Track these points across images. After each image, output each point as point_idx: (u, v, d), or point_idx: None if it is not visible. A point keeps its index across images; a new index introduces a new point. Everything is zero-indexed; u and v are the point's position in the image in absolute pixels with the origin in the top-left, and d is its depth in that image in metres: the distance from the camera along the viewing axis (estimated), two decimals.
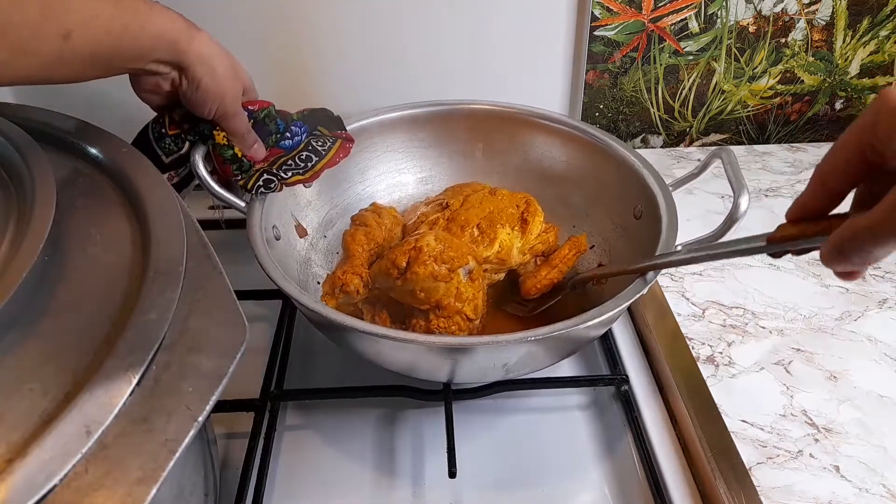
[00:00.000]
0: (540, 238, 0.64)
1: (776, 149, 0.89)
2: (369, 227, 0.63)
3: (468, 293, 0.56)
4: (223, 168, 0.56)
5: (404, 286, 0.55)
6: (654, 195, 0.59)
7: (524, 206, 0.64)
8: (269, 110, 0.58)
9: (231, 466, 0.53)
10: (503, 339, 0.46)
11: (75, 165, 0.45)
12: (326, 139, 0.63)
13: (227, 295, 0.36)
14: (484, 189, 0.66)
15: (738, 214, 0.52)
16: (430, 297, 0.55)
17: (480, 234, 0.61)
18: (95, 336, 0.33)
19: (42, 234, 0.34)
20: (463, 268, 0.56)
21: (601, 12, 0.79)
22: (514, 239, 0.62)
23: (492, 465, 0.54)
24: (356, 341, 0.51)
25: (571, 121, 0.70)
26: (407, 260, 0.55)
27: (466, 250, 0.57)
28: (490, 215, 0.62)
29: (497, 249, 0.61)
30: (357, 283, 0.58)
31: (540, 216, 0.64)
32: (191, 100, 0.50)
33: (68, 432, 0.28)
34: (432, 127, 0.72)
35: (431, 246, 0.55)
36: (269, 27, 0.76)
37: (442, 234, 0.58)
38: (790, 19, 0.82)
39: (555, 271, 0.62)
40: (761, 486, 0.49)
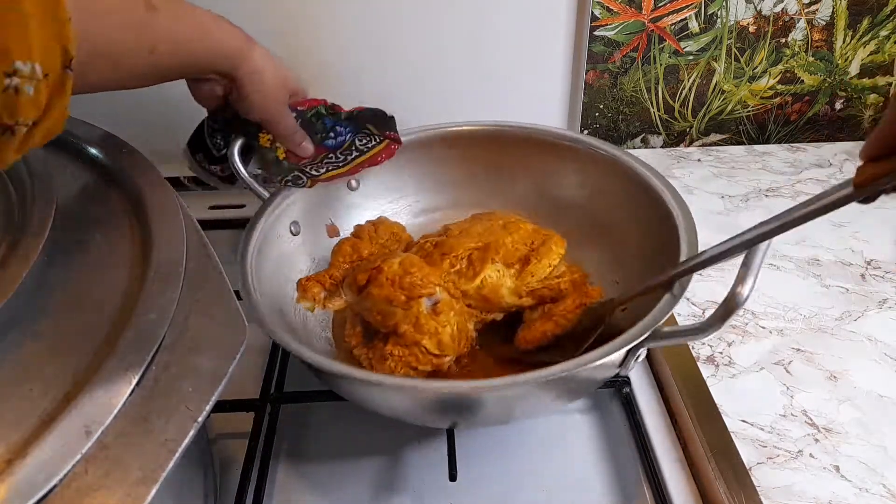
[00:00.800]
0: (547, 283, 0.59)
1: (776, 149, 0.89)
2: (360, 240, 0.62)
3: (430, 326, 0.52)
4: (265, 167, 0.59)
5: (363, 304, 0.55)
6: (667, 204, 0.57)
7: (538, 245, 0.59)
8: (318, 109, 0.59)
9: (231, 467, 0.53)
10: (492, 384, 0.42)
11: (75, 166, 0.45)
12: (373, 137, 0.62)
13: (227, 295, 0.36)
14: (502, 220, 0.62)
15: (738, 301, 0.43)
16: (387, 321, 0.53)
17: (468, 266, 0.58)
18: (95, 336, 0.33)
19: (42, 234, 0.34)
20: (428, 298, 0.53)
21: (601, 12, 0.79)
22: (503, 278, 0.58)
23: (492, 468, 0.54)
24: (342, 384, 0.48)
25: (584, 137, 0.66)
26: (367, 278, 0.54)
27: (435, 280, 0.55)
28: (485, 248, 0.58)
29: (478, 285, 0.57)
30: (317, 290, 0.58)
31: (551, 259, 0.59)
32: (239, 107, 0.54)
33: (68, 432, 0.28)
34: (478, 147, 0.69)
35: (393, 270, 0.54)
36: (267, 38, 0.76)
37: (412, 259, 0.56)
38: (790, 19, 0.82)
39: (550, 323, 0.56)
40: (761, 486, 0.49)
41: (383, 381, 0.44)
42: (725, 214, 0.76)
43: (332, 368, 0.43)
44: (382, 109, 0.64)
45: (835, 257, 0.70)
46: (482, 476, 0.54)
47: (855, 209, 0.78)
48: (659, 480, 0.51)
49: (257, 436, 0.54)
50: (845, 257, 0.70)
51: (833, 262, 0.69)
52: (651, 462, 0.53)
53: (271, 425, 0.56)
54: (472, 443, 0.56)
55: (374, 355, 0.54)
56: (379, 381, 0.43)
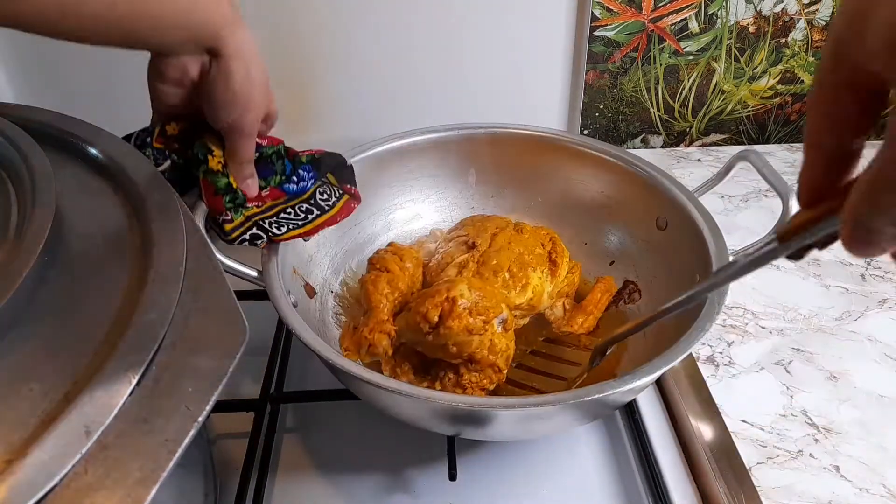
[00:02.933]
0: (567, 280, 0.61)
1: (776, 149, 0.89)
2: (392, 274, 0.58)
3: (502, 344, 0.52)
4: (213, 200, 0.50)
5: (436, 341, 0.51)
6: (680, 202, 0.58)
7: (550, 245, 0.60)
8: (279, 149, 0.53)
9: (231, 467, 0.53)
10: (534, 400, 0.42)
11: (75, 165, 0.45)
12: (333, 192, 0.57)
13: (227, 295, 0.36)
14: (508, 226, 0.62)
15: (789, 217, 0.50)
16: (463, 351, 0.51)
17: (512, 279, 0.57)
18: (95, 336, 0.33)
19: (42, 234, 0.34)
20: (497, 318, 0.52)
21: (601, 12, 0.79)
22: (545, 283, 0.58)
23: (491, 467, 0.54)
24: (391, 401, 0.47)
25: (576, 137, 0.68)
26: (440, 313, 0.50)
27: (500, 298, 0.53)
28: (520, 257, 0.58)
29: (530, 296, 0.57)
30: (385, 343, 0.53)
31: (566, 255, 0.61)
32: (214, 95, 0.45)
33: (68, 432, 0.28)
34: (427, 155, 0.68)
35: (466, 297, 0.51)
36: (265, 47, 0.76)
37: (474, 282, 0.54)
38: (790, 19, 0.82)
39: (590, 318, 0.59)
40: (761, 486, 0.49)
41: (426, 395, 0.43)
42: (725, 214, 0.76)
43: (372, 379, 0.43)
44: (341, 154, 0.59)
45: (835, 257, 0.70)
46: (482, 476, 0.54)
47: None
48: (659, 480, 0.51)
49: (257, 436, 0.54)
50: (845, 257, 0.70)
51: (833, 262, 0.69)
52: (651, 462, 0.53)
53: (271, 425, 0.55)
54: (471, 443, 0.56)
55: (444, 387, 0.52)
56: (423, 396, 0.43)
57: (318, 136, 0.83)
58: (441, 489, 0.52)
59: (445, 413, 0.45)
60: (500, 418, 0.45)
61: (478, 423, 0.47)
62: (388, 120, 0.73)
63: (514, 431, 0.51)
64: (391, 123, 0.69)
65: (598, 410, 0.52)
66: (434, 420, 0.48)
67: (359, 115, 0.83)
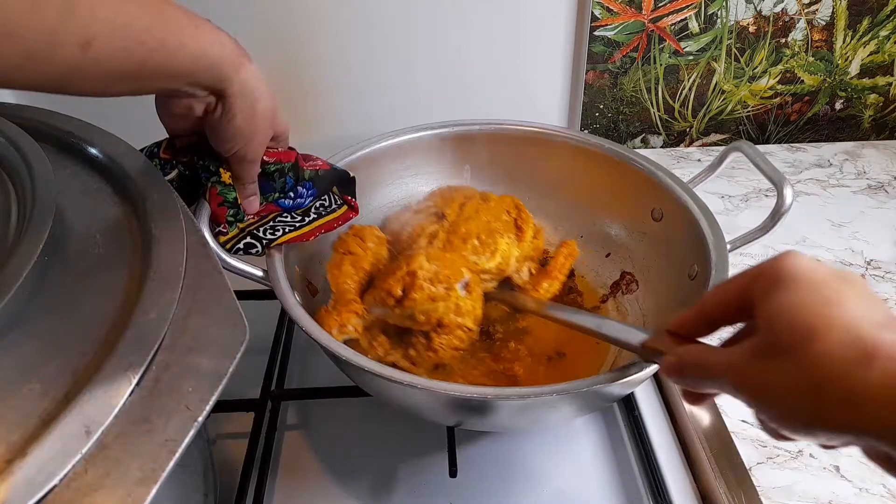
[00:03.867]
0: (532, 244, 0.64)
1: (776, 149, 0.89)
2: (355, 256, 0.60)
3: (467, 306, 0.55)
4: (218, 211, 0.51)
5: (403, 312, 0.54)
6: (674, 193, 0.59)
7: (515, 212, 0.63)
8: (283, 166, 0.52)
9: (231, 466, 0.53)
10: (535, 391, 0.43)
11: (75, 165, 0.45)
12: (334, 200, 0.58)
13: (227, 295, 0.36)
14: (475, 195, 0.65)
15: (784, 207, 0.51)
16: (431, 317, 0.53)
17: (481, 246, 0.60)
18: (95, 336, 0.33)
19: (42, 234, 0.34)
20: (459, 283, 0.55)
21: (601, 12, 0.79)
22: (512, 248, 0.61)
23: (492, 466, 0.54)
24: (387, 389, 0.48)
25: (569, 132, 0.69)
26: (402, 287, 0.54)
27: (461, 264, 0.56)
28: (488, 225, 0.61)
29: (499, 261, 0.60)
30: (355, 321, 0.55)
31: (531, 221, 0.64)
32: (217, 131, 0.45)
33: (68, 432, 0.28)
34: (422, 152, 0.69)
35: (425, 269, 0.54)
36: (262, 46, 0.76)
37: (434, 252, 0.57)
38: (790, 19, 0.82)
39: (556, 283, 0.62)
40: (761, 486, 0.49)
41: (424, 384, 0.44)
42: (725, 214, 0.76)
43: (375, 370, 0.44)
44: (346, 171, 0.59)
45: (835, 257, 0.70)
46: (481, 473, 0.54)
47: (856, 209, 0.78)
48: (659, 480, 0.51)
49: (257, 435, 0.54)
50: (845, 257, 0.70)
51: (833, 262, 0.69)
52: (651, 462, 0.53)
53: (272, 423, 0.56)
54: (472, 440, 0.56)
55: (417, 354, 0.54)
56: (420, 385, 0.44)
57: (318, 136, 0.83)
58: (441, 486, 0.52)
59: (447, 403, 0.46)
60: (499, 408, 0.45)
61: (478, 413, 0.47)
62: (388, 120, 0.73)
63: (514, 421, 0.51)
64: (391, 124, 0.69)
65: (597, 402, 0.52)
66: (436, 410, 0.48)
67: (358, 116, 0.83)
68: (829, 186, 0.81)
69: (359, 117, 0.83)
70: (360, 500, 0.52)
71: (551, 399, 0.43)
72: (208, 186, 0.50)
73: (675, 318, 0.38)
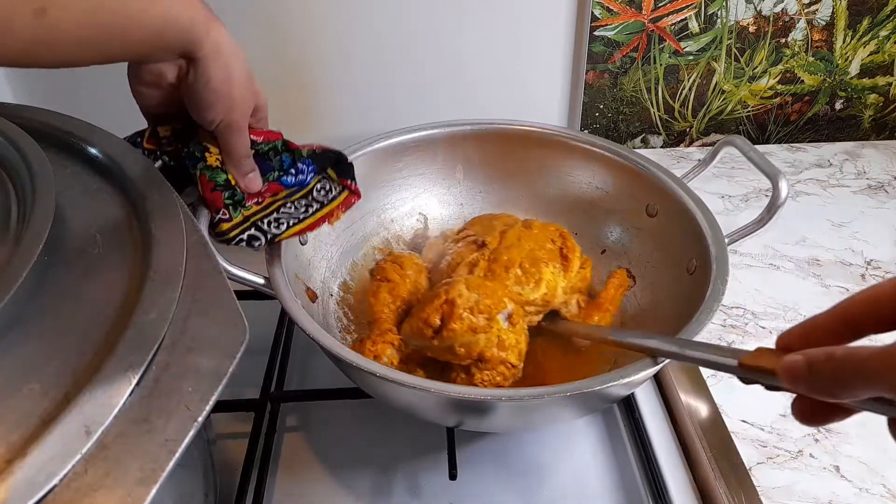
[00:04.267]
0: (579, 275, 0.60)
1: (776, 149, 0.89)
2: (392, 283, 0.58)
3: (510, 339, 0.51)
4: (212, 196, 0.49)
5: (441, 344, 0.51)
6: (669, 189, 0.59)
7: (560, 240, 0.60)
8: (276, 144, 0.52)
9: (231, 467, 0.53)
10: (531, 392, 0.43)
11: (75, 165, 0.45)
12: (333, 186, 0.56)
13: (227, 295, 0.36)
14: (517, 223, 0.62)
15: (780, 200, 0.52)
16: (472, 351, 0.50)
17: (524, 275, 0.57)
18: (95, 336, 0.33)
19: (42, 234, 0.34)
20: (502, 313, 0.51)
21: (601, 12, 0.79)
22: (558, 278, 0.58)
23: (491, 466, 0.54)
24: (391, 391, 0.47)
25: (556, 128, 0.69)
26: (440, 316, 0.50)
27: (503, 293, 0.53)
28: (531, 253, 0.58)
29: (544, 291, 0.57)
30: (390, 352, 0.53)
31: (577, 251, 0.60)
32: (196, 98, 0.44)
33: (68, 432, 0.28)
34: (414, 154, 0.69)
35: (465, 297, 0.51)
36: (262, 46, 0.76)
37: (474, 281, 0.53)
38: (790, 19, 0.82)
39: (607, 315, 0.59)
40: (761, 486, 0.49)
41: (422, 385, 0.44)
42: (725, 214, 0.76)
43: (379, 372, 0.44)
44: (341, 151, 0.57)
45: (835, 257, 0.70)
46: (481, 475, 0.54)
47: (856, 209, 0.78)
48: (659, 480, 0.51)
49: (257, 435, 0.54)
50: (845, 257, 0.70)
51: (833, 262, 0.69)
52: (651, 462, 0.53)
53: (271, 424, 0.56)
54: (472, 442, 0.56)
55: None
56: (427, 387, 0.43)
57: (318, 136, 0.83)
58: (441, 488, 0.52)
59: (447, 404, 0.46)
60: (499, 408, 0.45)
61: (478, 414, 0.47)
62: (388, 120, 0.73)
63: (514, 422, 0.51)
64: (391, 124, 0.69)
65: (596, 403, 0.52)
66: (435, 411, 0.48)
67: (358, 116, 0.83)
68: (829, 186, 0.81)
69: (358, 118, 0.83)
70: (360, 501, 0.52)
71: (551, 400, 0.43)
72: (197, 175, 0.49)
73: (798, 326, 0.30)
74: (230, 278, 0.48)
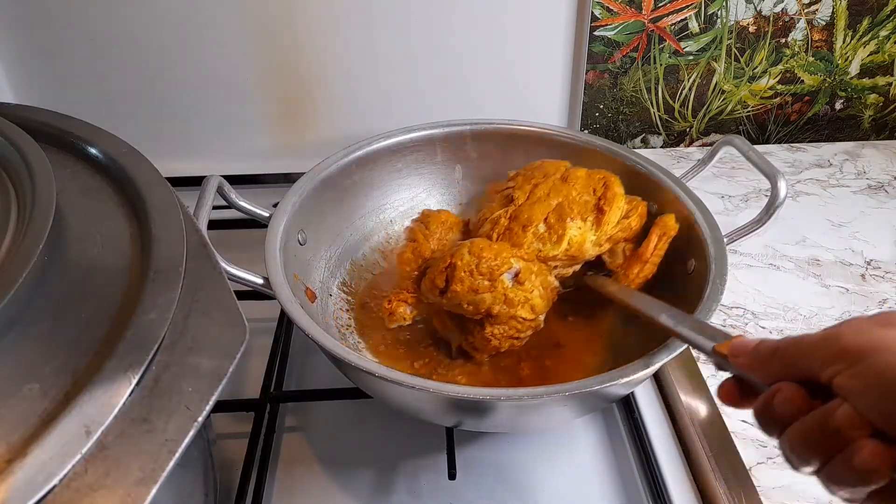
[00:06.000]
0: (621, 225, 0.59)
1: (776, 149, 0.89)
2: (417, 243, 0.62)
3: (518, 296, 0.54)
4: None
5: (449, 303, 0.55)
6: (667, 188, 0.59)
7: (602, 190, 0.59)
8: None
9: (231, 466, 0.53)
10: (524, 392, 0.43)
11: (75, 165, 0.45)
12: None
13: (227, 295, 0.36)
14: (556, 173, 0.61)
15: (779, 200, 0.52)
16: (479, 308, 0.54)
17: (548, 230, 0.58)
18: (95, 336, 0.33)
19: (42, 234, 0.34)
20: (507, 273, 0.54)
21: (601, 12, 0.79)
22: (585, 233, 0.58)
23: (490, 466, 0.54)
24: (368, 382, 0.49)
25: (552, 127, 0.69)
26: (444, 278, 0.54)
27: (508, 254, 0.55)
28: (559, 208, 0.58)
29: (566, 247, 0.57)
30: (403, 310, 0.58)
31: (619, 201, 0.59)
32: None
33: (68, 432, 0.28)
34: (413, 153, 0.69)
35: (466, 260, 0.54)
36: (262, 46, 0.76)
37: (479, 244, 0.55)
38: (790, 19, 0.82)
39: (648, 266, 0.56)
40: (761, 486, 0.48)
41: (423, 385, 0.44)
42: (725, 214, 0.76)
43: (372, 370, 0.44)
44: None
45: (835, 257, 0.70)
46: (481, 475, 0.54)
47: (856, 209, 0.78)
48: (659, 480, 0.51)
49: (257, 435, 0.54)
50: (845, 257, 0.70)
51: (833, 262, 0.69)
52: (651, 462, 0.53)
53: (271, 424, 0.56)
54: (471, 442, 0.56)
55: (476, 341, 0.55)
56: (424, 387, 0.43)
57: (318, 136, 0.83)
58: (441, 488, 0.52)
59: (446, 403, 0.46)
60: (498, 408, 0.45)
61: (476, 413, 0.47)
62: (388, 121, 0.73)
63: (512, 422, 0.51)
64: (390, 124, 0.69)
65: (596, 402, 0.52)
66: (434, 411, 0.48)
67: (358, 116, 0.83)
68: (829, 186, 0.81)
69: (357, 118, 0.83)
70: (360, 501, 0.52)
71: (550, 399, 0.43)
72: None
73: (748, 341, 0.34)
74: (230, 279, 0.48)
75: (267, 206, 0.58)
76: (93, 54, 0.77)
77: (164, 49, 0.77)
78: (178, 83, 0.79)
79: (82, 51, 0.77)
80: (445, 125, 0.69)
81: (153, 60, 0.77)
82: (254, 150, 0.84)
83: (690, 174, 0.62)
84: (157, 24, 0.75)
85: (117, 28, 0.75)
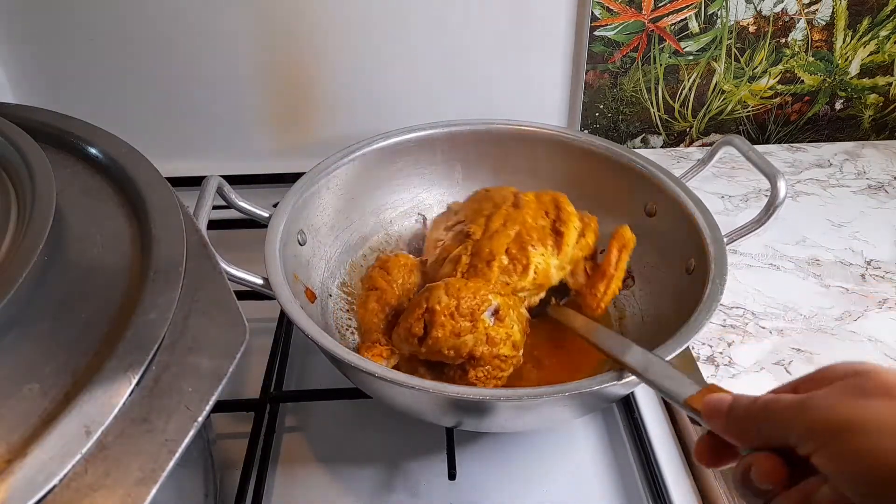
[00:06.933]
0: (579, 244, 0.58)
1: (776, 149, 0.89)
2: (380, 291, 0.59)
3: (500, 334, 0.51)
4: None
5: (429, 350, 0.51)
6: (667, 188, 0.59)
7: (554, 211, 0.58)
8: None
9: (231, 467, 0.53)
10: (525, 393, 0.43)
11: (75, 165, 0.45)
12: None
13: (227, 295, 0.36)
14: (506, 201, 0.60)
15: (778, 200, 0.52)
16: (461, 352, 0.51)
17: (511, 262, 0.56)
18: (95, 336, 0.33)
19: (42, 234, 0.34)
20: (486, 311, 0.51)
21: (601, 12, 0.79)
22: (548, 258, 0.57)
23: (490, 466, 0.54)
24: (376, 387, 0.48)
25: (555, 128, 0.69)
26: (423, 325, 0.51)
27: (486, 290, 0.52)
28: (518, 237, 0.57)
29: (532, 276, 0.56)
30: (379, 361, 0.53)
31: (574, 220, 0.58)
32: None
33: (68, 432, 0.28)
34: (413, 154, 0.69)
35: (444, 303, 0.50)
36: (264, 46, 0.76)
37: (455, 283, 0.52)
38: (790, 19, 0.82)
39: (614, 281, 0.56)
40: None
41: (417, 384, 0.44)
42: (725, 214, 0.76)
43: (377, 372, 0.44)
44: None
45: (835, 257, 0.70)
46: (481, 475, 0.54)
47: (856, 209, 0.78)
48: (659, 480, 0.51)
49: (257, 435, 0.54)
50: (845, 257, 0.70)
51: (833, 262, 0.69)
52: (651, 462, 0.53)
53: (271, 424, 0.56)
54: (471, 442, 0.56)
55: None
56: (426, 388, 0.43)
57: (317, 136, 0.83)
58: (441, 488, 0.52)
59: (445, 404, 0.46)
60: (497, 408, 0.45)
61: (476, 414, 0.47)
62: (388, 121, 0.73)
63: (512, 422, 0.51)
64: (390, 124, 0.69)
65: (596, 402, 0.52)
66: (434, 411, 0.48)
67: (358, 116, 0.83)
68: (829, 186, 0.81)
69: (357, 118, 0.83)
70: (360, 501, 0.52)
71: (550, 399, 0.43)
72: None
73: (721, 401, 0.33)
74: (230, 279, 0.48)
75: (267, 206, 0.58)
76: (93, 54, 0.77)
77: (164, 49, 0.77)
78: (178, 83, 0.79)
79: (82, 51, 0.77)
80: (445, 125, 0.69)
81: (153, 60, 0.77)
82: (254, 150, 0.84)
83: (690, 174, 0.62)
84: (157, 24, 0.75)
85: (117, 28, 0.75)
